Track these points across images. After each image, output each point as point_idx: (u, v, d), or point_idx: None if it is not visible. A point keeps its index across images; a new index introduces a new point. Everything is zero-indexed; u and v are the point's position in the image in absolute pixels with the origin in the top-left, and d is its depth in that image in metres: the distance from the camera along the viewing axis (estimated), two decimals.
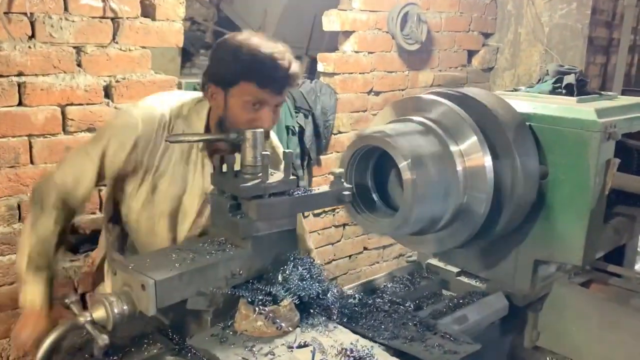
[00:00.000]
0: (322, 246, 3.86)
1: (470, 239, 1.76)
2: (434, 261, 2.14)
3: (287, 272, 1.50)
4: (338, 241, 3.95)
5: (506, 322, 1.92)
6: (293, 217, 1.59)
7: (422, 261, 2.15)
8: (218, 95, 1.71)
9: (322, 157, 3.67)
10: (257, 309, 1.41)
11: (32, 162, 2.43)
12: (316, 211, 3.66)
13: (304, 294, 1.49)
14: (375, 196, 1.81)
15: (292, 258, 1.54)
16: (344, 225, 3.91)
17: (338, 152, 3.70)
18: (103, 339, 1.33)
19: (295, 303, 1.47)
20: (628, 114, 1.89)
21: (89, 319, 1.36)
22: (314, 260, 1.59)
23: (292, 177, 1.53)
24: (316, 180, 3.64)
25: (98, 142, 1.79)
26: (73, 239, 2.72)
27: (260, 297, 1.43)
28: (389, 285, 1.99)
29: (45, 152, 2.45)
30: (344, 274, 4.05)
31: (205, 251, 1.49)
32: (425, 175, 1.59)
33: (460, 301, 1.88)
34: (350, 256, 4.07)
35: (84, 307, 1.43)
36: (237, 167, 1.52)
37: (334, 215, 3.84)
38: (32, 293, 1.73)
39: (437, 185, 1.63)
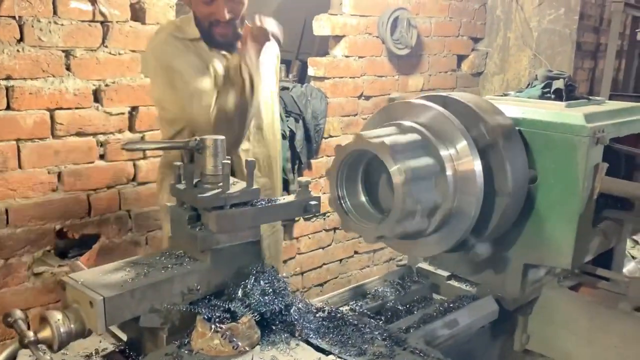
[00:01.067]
0: (312, 250, 3.85)
1: (461, 243, 1.77)
2: (424, 265, 2.14)
3: (248, 286, 1.43)
4: (329, 245, 3.95)
5: (496, 326, 1.93)
6: (256, 228, 1.52)
7: (412, 265, 2.15)
8: None
9: (312, 161, 3.67)
10: (213, 326, 1.34)
11: (20, 166, 2.41)
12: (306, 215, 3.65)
13: (265, 309, 1.42)
14: (365, 200, 1.81)
15: (254, 272, 1.48)
16: (335, 229, 3.91)
17: (329, 156, 3.70)
18: None
19: (256, 319, 1.41)
20: (616, 118, 1.91)
21: (32, 339, 1.26)
22: (277, 273, 1.52)
23: (254, 186, 1.48)
24: None
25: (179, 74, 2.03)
26: (62, 243, 2.71)
27: (218, 314, 1.36)
28: (380, 290, 2.00)
29: (33, 157, 2.44)
30: (335, 278, 4.05)
31: (161, 265, 1.43)
32: (416, 180, 1.59)
33: (451, 305, 1.88)
34: (340, 260, 4.07)
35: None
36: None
37: (324, 219, 3.84)
38: None
39: (427, 189, 1.63)
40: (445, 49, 4.44)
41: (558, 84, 2.05)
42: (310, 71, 3.72)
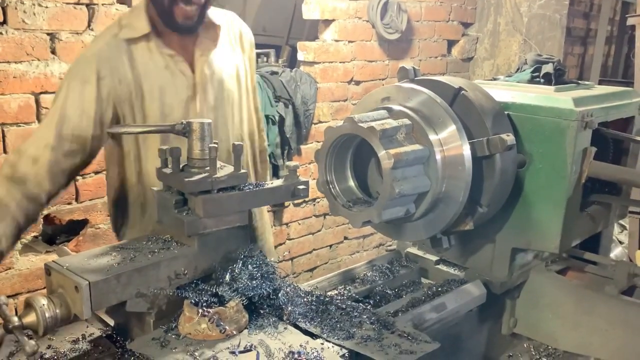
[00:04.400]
0: (302, 236, 3.86)
1: (449, 227, 1.77)
2: (413, 250, 2.14)
3: (235, 271, 1.43)
4: (318, 231, 3.96)
5: (484, 310, 1.94)
6: (244, 213, 1.50)
7: (401, 250, 2.16)
8: None
9: (302, 146, 3.66)
10: (200, 310, 1.33)
11: (4, 151, 2.38)
12: (296, 200, 3.66)
13: (253, 294, 1.41)
14: (354, 185, 1.80)
15: (241, 256, 1.47)
16: (325, 215, 3.91)
17: (319, 141, 3.69)
18: (31, 346, 1.22)
19: (244, 304, 1.40)
20: (604, 103, 1.91)
21: (17, 324, 1.25)
22: (265, 258, 1.51)
23: (242, 170, 1.46)
24: None
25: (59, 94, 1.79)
26: (49, 229, 2.69)
27: (205, 298, 1.36)
28: (369, 274, 2.00)
29: (18, 141, 2.40)
30: (325, 264, 4.06)
31: (148, 250, 1.41)
32: (405, 164, 1.58)
33: (439, 289, 1.89)
34: (330, 246, 4.07)
35: None
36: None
37: (314, 205, 3.84)
38: None
39: (416, 173, 1.63)
40: (435, 34, 4.42)
41: (547, 68, 2.05)
42: (300, 56, 3.69)
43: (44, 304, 1.28)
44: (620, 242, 4.30)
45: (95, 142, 1.80)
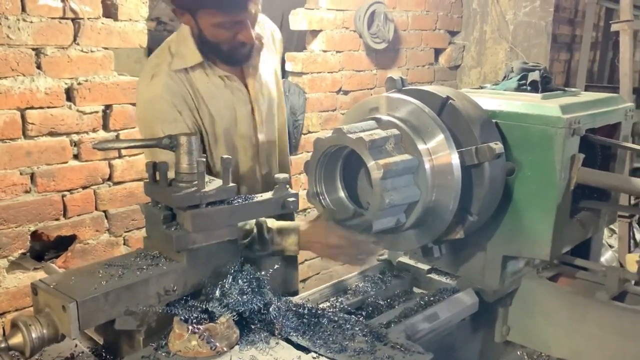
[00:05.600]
0: None
1: (440, 235, 1.77)
2: (404, 259, 2.14)
3: (226, 286, 1.41)
4: None
5: (477, 318, 1.93)
6: (233, 227, 1.49)
7: (392, 259, 2.15)
8: (189, 19, 1.79)
9: (292, 157, 3.65)
10: (190, 327, 1.32)
11: None
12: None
13: (243, 309, 1.40)
14: (344, 195, 1.80)
15: (232, 271, 1.45)
16: None
17: (308, 151, 3.68)
18: None
19: (234, 319, 1.39)
20: (591, 109, 1.92)
21: (2, 345, 1.23)
22: (256, 272, 1.49)
23: (231, 184, 1.45)
24: None
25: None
26: (37, 245, 2.65)
27: (195, 315, 1.34)
28: (361, 285, 1.99)
29: (4, 158, 2.38)
30: (317, 274, 4.05)
31: (136, 266, 1.40)
32: (394, 174, 1.58)
33: (431, 299, 1.88)
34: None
35: None
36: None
37: (305, 215, 3.83)
38: None
39: (405, 183, 1.63)
40: (422, 43, 4.45)
41: (534, 75, 2.06)
42: (288, 66, 3.70)
43: (30, 324, 1.25)
44: (610, 246, 4.33)
45: None
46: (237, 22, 1.76)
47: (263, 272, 1.51)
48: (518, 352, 2.11)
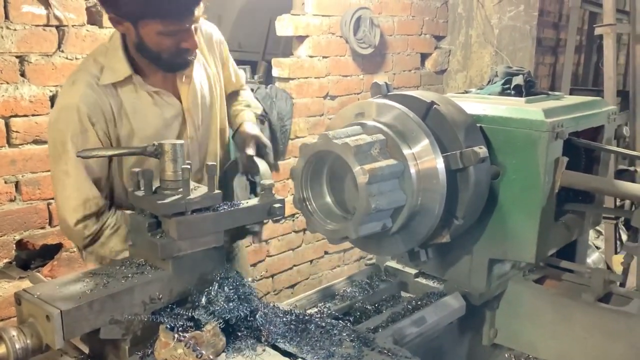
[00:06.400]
0: (282, 252, 3.83)
1: (426, 240, 1.78)
2: (392, 263, 2.14)
3: (212, 293, 1.40)
4: (299, 246, 3.94)
5: (464, 322, 1.94)
6: (219, 234, 1.47)
7: (380, 264, 2.16)
8: (128, 27, 1.72)
9: (279, 162, 3.65)
10: (176, 335, 1.30)
11: None
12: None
13: (230, 316, 1.38)
14: (330, 201, 1.80)
15: (218, 278, 1.44)
16: (304, 230, 3.90)
17: (296, 157, 3.68)
18: None
19: (221, 327, 1.37)
20: (575, 113, 1.94)
21: None
22: (242, 279, 1.49)
23: (216, 191, 1.44)
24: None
25: (66, 155, 1.74)
26: (23, 254, 2.63)
27: (181, 323, 1.33)
28: (348, 290, 1.99)
29: None
30: (306, 279, 4.04)
31: (121, 275, 1.38)
32: (380, 179, 1.59)
33: (419, 303, 1.89)
34: (311, 261, 4.06)
35: None
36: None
37: (293, 220, 3.83)
38: None
39: (391, 188, 1.63)
40: (408, 48, 4.47)
41: (517, 80, 2.08)
42: (275, 72, 3.70)
43: (14, 335, 1.24)
44: (597, 248, 4.36)
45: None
46: (181, 30, 1.72)
47: (250, 279, 1.50)
48: (505, 355, 2.13)
